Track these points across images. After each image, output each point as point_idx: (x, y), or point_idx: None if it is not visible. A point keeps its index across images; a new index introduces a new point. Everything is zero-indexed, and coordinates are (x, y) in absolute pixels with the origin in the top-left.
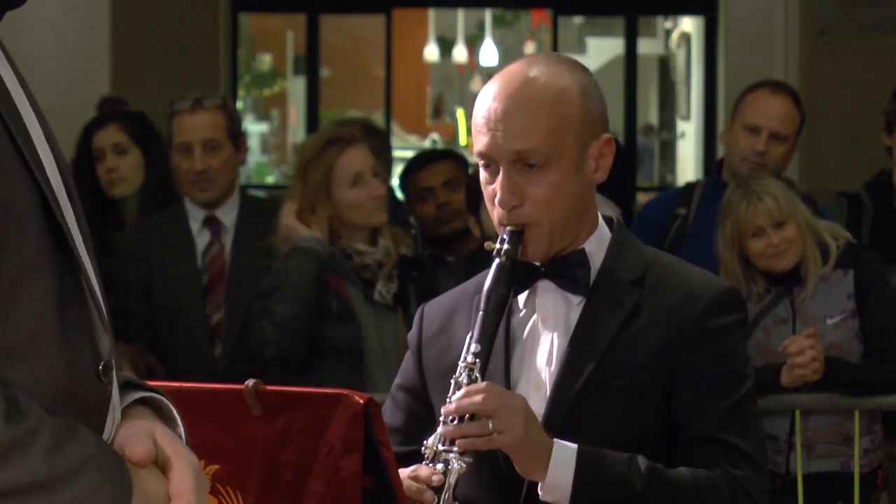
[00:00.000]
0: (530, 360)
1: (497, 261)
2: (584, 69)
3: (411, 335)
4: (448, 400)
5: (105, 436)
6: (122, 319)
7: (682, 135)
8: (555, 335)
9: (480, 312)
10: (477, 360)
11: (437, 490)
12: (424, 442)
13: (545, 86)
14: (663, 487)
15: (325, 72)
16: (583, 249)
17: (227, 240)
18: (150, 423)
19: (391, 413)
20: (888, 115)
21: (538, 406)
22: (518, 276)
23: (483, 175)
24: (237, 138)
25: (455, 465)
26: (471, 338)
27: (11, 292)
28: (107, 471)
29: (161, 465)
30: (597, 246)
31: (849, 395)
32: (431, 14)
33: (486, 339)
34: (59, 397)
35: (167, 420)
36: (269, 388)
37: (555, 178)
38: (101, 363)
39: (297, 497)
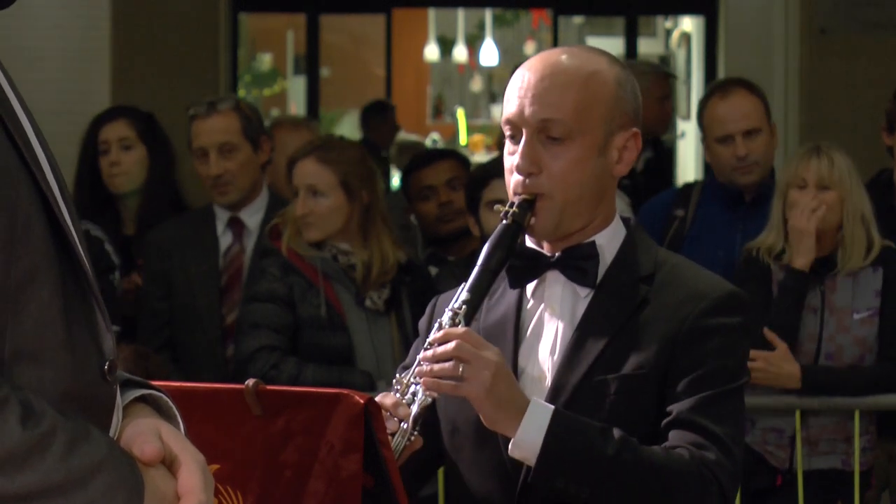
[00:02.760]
0: (535, 350)
1: (503, 222)
2: (623, 66)
3: (422, 322)
4: (428, 339)
5: (110, 434)
6: (144, 317)
7: (682, 135)
8: (560, 326)
9: (477, 267)
10: (464, 307)
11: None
12: (396, 375)
13: (581, 65)
14: (633, 458)
15: (325, 71)
16: (593, 242)
17: (249, 241)
18: (154, 421)
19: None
20: (889, 115)
21: (540, 395)
22: (527, 265)
23: (507, 146)
24: (256, 138)
25: (420, 395)
26: (462, 288)
27: (20, 296)
28: (120, 472)
29: (167, 463)
30: (609, 241)
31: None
32: (431, 14)
33: (477, 291)
34: (66, 398)
35: (166, 417)
36: (269, 388)
37: (575, 154)
38: (106, 363)
39: (298, 496)
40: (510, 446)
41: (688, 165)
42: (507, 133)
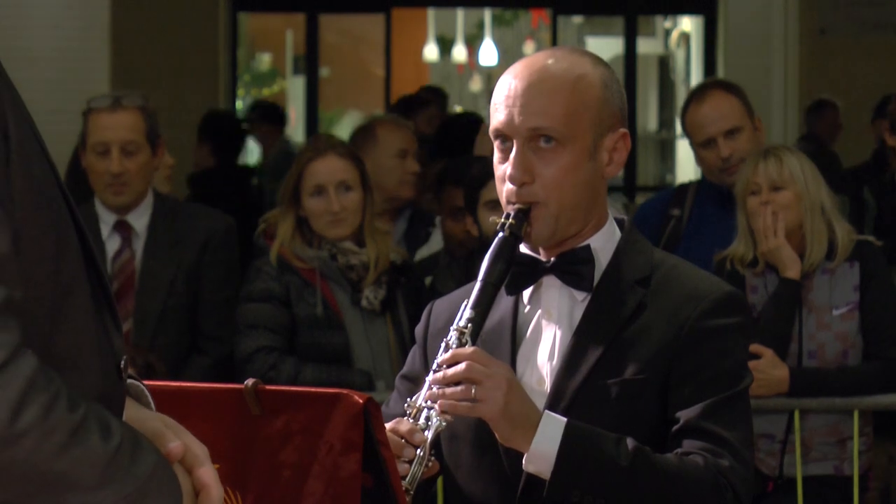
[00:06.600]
0: (533, 355)
1: (500, 234)
2: (606, 65)
3: (418, 328)
4: (436, 361)
5: None
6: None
7: (682, 135)
8: (558, 330)
9: (478, 282)
10: (469, 325)
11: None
12: (408, 400)
13: (566, 70)
14: (648, 468)
15: (324, 71)
16: (588, 245)
17: (139, 245)
18: (156, 414)
19: (395, 402)
20: (892, 116)
21: (539, 400)
22: (523, 271)
23: (497, 154)
24: (155, 141)
25: (435, 420)
26: (466, 305)
27: (61, 306)
28: (167, 475)
29: None
30: (604, 243)
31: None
32: (431, 14)
33: (481, 307)
34: (99, 401)
35: (143, 405)
36: (268, 387)
37: (567, 160)
38: (120, 361)
39: (297, 496)
40: (524, 461)
41: (687, 165)
42: (497, 141)
